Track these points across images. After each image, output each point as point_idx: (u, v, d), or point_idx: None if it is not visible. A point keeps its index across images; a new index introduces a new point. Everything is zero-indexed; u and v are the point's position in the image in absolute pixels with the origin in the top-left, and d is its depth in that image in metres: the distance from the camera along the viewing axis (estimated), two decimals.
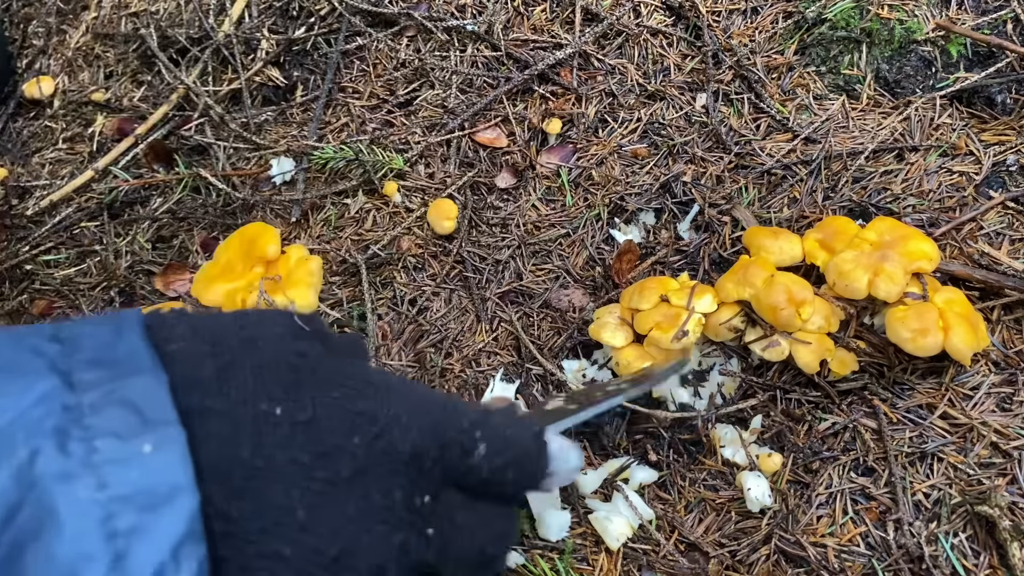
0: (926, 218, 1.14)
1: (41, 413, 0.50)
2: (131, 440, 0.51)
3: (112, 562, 0.48)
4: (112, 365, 0.55)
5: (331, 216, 1.30)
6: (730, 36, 1.35)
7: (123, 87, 1.56)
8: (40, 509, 0.48)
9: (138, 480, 0.50)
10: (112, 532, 0.48)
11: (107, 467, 0.50)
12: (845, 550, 0.93)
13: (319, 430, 0.60)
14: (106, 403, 0.52)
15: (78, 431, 0.51)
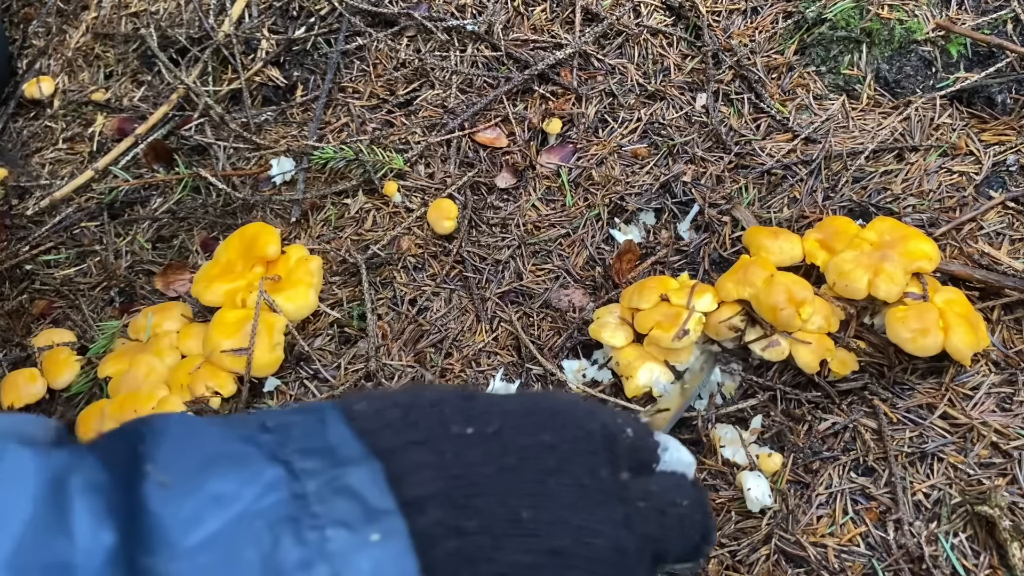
0: (926, 218, 1.14)
1: (274, 501, 0.51)
2: (359, 529, 0.52)
3: None
4: (326, 454, 0.55)
5: (331, 216, 1.30)
6: (730, 36, 1.35)
7: (123, 87, 1.56)
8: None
9: (369, 570, 0.50)
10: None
11: (339, 557, 0.50)
12: (845, 550, 0.93)
13: (511, 436, 0.60)
14: (329, 492, 0.53)
15: (309, 519, 0.51)
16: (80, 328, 1.30)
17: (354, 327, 1.20)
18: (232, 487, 0.51)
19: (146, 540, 0.48)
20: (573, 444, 0.62)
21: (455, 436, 0.59)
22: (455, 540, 0.54)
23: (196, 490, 0.51)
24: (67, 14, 1.67)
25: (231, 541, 0.49)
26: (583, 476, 0.61)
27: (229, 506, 0.50)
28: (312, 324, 1.21)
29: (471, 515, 0.55)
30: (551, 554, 0.57)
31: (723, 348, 1.07)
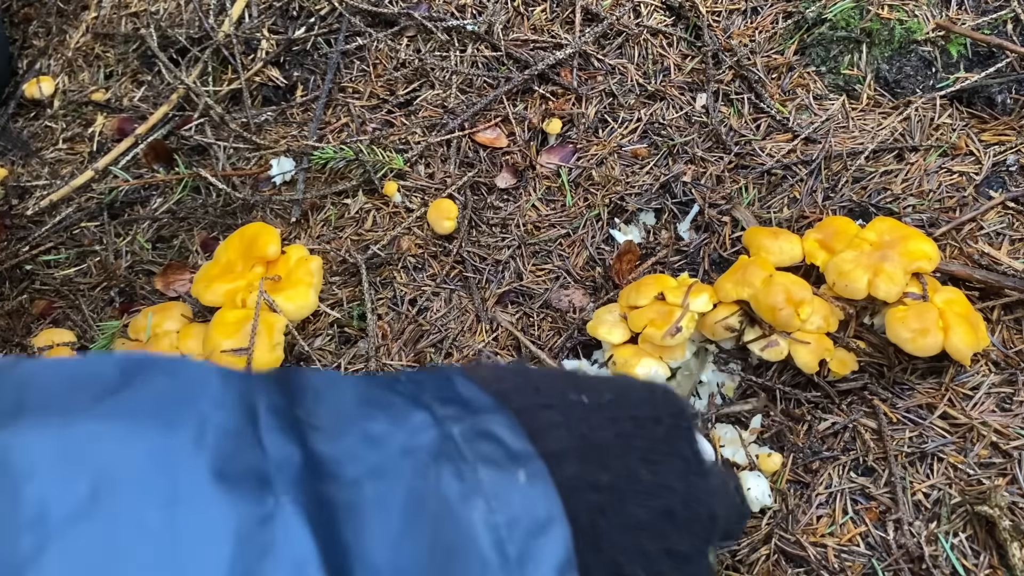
0: (926, 218, 1.14)
1: (427, 440, 0.53)
2: (507, 469, 0.54)
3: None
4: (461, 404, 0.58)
5: (331, 216, 1.30)
6: (730, 36, 1.35)
7: (123, 87, 1.56)
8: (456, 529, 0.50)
9: (520, 506, 0.52)
10: (505, 557, 0.50)
11: (492, 493, 0.52)
12: (845, 550, 0.93)
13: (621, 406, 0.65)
14: (473, 436, 0.55)
15: (461, 458, 0.53)
16: (80, 328, 1.30)
17: (354, 327, 1.20)
18: (383, 428, 0.53)
19: (314, 471, 0.50)
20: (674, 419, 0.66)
21: (575, 403, 0.62)
22: (593, 494, 0.58)
23: (349, 432, 0.52)
24: (67, 14, 1.67)
25: (393, 473, 0.51)
26: (685, 449, 0.65)
27: (383, 445, 0.52)
28: (312, 324, 1.21)
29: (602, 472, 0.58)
30: (664, 514, 0.61)
31: (722, 348, 1.07)
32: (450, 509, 0.51)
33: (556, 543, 0.52)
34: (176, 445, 0.45)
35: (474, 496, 0.52)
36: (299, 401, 0.54)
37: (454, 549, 0.50)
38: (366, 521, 0.49)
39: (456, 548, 0.50)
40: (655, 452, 0.64)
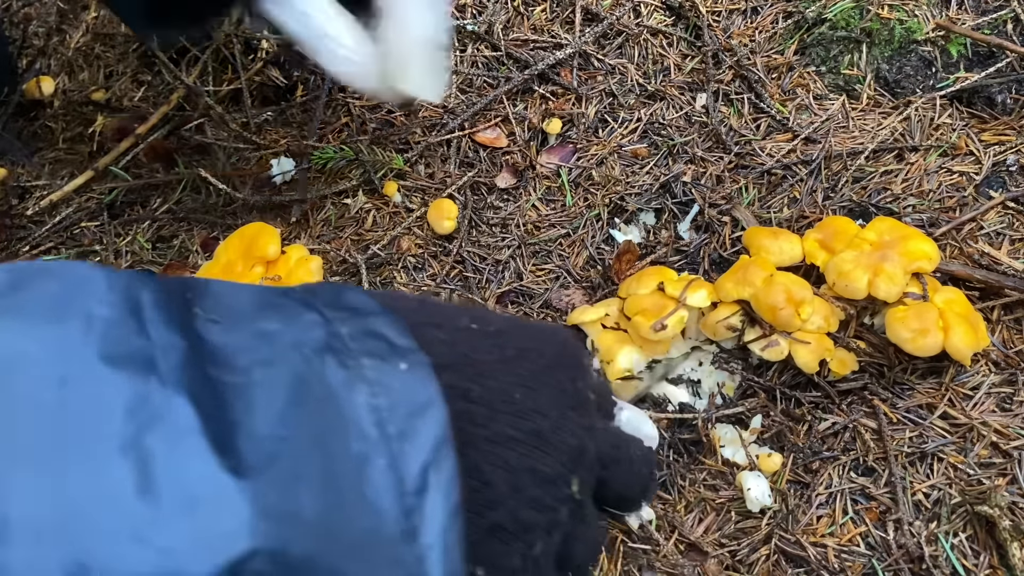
0: (926, 218, 1.14)
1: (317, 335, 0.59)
2: (389, 360, 0.60)
3: (389, 462, 0.56)
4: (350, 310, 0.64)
5: (331, 216, 1.30)
6: (730, 36, 1.35)
7: (123, 87, 1.56)
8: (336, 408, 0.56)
9: (400, 391, 0.58)
10: (386, 435, 0.56)
11: (374, 380, 0.58)
12: (845, 550, 0.93)
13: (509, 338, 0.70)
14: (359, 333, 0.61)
15: (346, 351, 0.59)
16: None
17: None
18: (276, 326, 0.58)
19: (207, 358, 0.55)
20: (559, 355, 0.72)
21: (463, 327, 0.69)
22: (463, 403, 0.63)
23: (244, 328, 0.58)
24: (67, 14, 1.67)
25: (283, 363, 0.56)
26: (565, 382, 0.70)
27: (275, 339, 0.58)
28: None
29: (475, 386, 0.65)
30: (532, 434, 0.66)
31: (722, 348, 1.07)
32: (334, 392, 0.56)
33: (433, 423, 0.58)
34: (65, 335, 0.50)
35: (357, 382, 0.57)
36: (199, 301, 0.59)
37: (336, 426, 0.56)
38: (253, 400, 0.54)
39: (338, 425, 0.55)
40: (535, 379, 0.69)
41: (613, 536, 0.96)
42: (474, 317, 0.72)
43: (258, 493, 0.49)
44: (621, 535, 0.96)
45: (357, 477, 0.54)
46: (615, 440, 0.76)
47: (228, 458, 0.50)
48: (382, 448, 0.55)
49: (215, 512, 0.48)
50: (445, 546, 0.55)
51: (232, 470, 0.49)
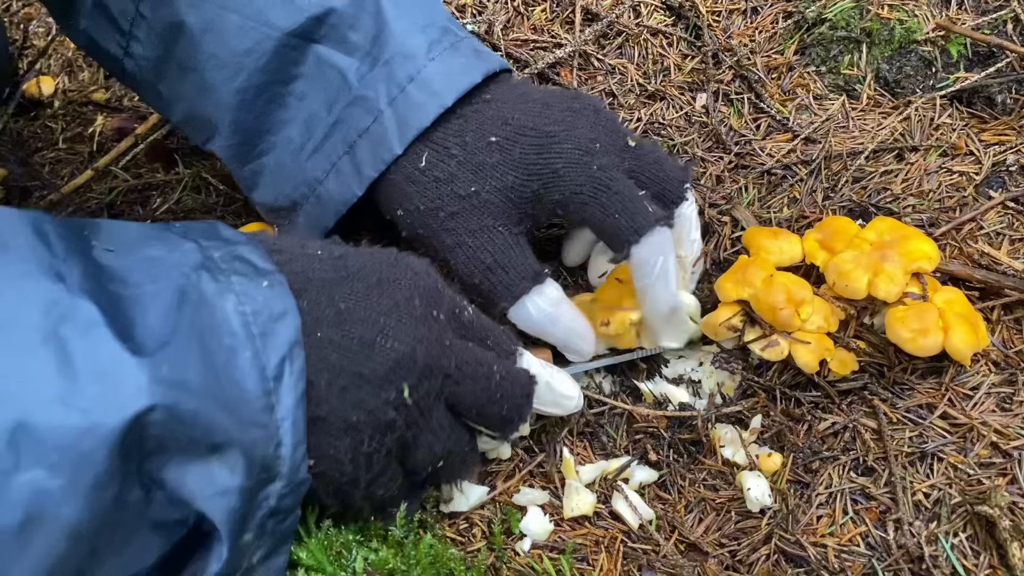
0: (926, 218, 1.14)
1: (193, 259, 0.74)
2: (253, 278, 0.74)
3: (254, 354, 0.71)
4: (222, 239, 0.78)
5: None
6: (730, 36, 1.35)
7: (123, 87, 1.56)
8: (210, 311, 0.71)
9: (262, 301, 0.73)
10: (250, 334, 0.71)
11: (241, 291, 0.73)
12: (845, 550, 0.93)
13: (351, 260, 0.84)
14: (229, 257, 0.75)
15: (218, 270, 0.74)
16: None
17: None
18: (160, 252, 0.74)
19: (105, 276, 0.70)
20: (399, 278, 0.83)
21: (308, 255, 0.83)
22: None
23: (133, 254, 0.73)
24: None
25: (167, 278, 0.72)
26: (401, 299, 0.82)
27: (159, 264, 0.73)
28: None
29: (302, 300, 0.77)
30: (356, 340, 0.79)
31: (722, 348, 1.07)
32: (208, 300, 0.71)
33: (289, 327, 0.73)
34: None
35: (227, 293, 0.72)
36: (94, 236, 0.74)
37: (211, 325, 0.70)
38: (145, 304, 0.69)
39: (213, 324, 0.70)
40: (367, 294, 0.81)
41: (613, 536, 0.96)
42: (324, 246, 0.86)
43: (152, 366, 0.65)
44: (621, 535, 0.97)
45: (228, 364, 0.70)
46: (471, 359, 0.86)
47: (128, 343, 0.65)
48: (248, 344, 0.71)
49: (120, 381, 0.64)
50: (294, 419, 0.72)
51: (131, 351, 0.65)
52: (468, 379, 0.85)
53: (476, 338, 0.90)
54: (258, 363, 0.70)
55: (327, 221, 1.02)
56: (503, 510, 0.98)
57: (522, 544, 0.96)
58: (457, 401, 0.86)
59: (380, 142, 0.97)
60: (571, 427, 1.05)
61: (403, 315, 0.81)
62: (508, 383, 0.89)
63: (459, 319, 0.88)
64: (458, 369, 0.84)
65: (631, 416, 1.05)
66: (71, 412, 0.61)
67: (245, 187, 1.09)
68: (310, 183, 1.02)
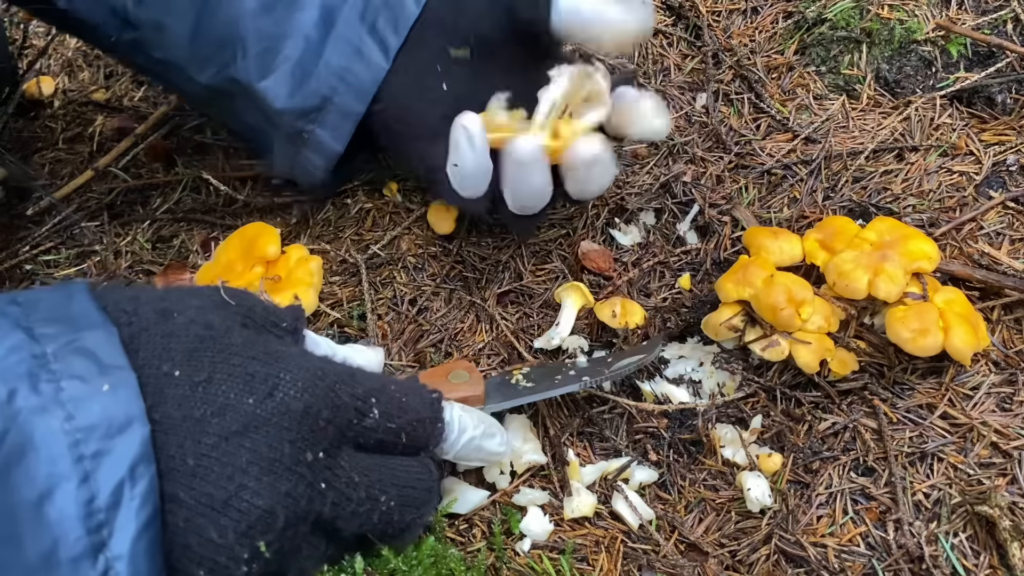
0: (926, 218, 1.14)
1: (14, 361, 0.62)
2: (92, 381, 0.63)
3: (80, 481, 0.60)
4: (68, 321, 0.67)
5: (331, 216, 1.30)
6: (730, 36, 1.35)
7: (123, 87, 1.56)
8: (22, 436, 0.60)
9: (99, 413, 0.62)
10: (80, 456, 0.60)
11: (73, 403, 0.62)
12: (845, 550, 0.93)
13: (214, 390, 0.70)
14: (67, 352, 0.64)
15: (46, 374, 0.62)
16: None
17: (354, 327, 1.20)
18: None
19: None
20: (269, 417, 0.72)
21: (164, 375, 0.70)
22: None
23: None
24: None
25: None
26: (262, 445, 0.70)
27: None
28: (312, 324, 1.21)
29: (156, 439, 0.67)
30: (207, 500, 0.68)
31: (723, 348, 1.07)
32: (24, 421, 0.60)
33: (132, 441, 0.63)
34: None
35: (53, 407, 0.61)
36: None
37: (22, 454, 0.59)
38: None
39: (24, 452, 0.59)
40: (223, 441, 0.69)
41: (613, 536, 0.96)
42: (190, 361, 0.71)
43: None
44: (621, 535, 0.97)
45: (39, 503, 0.58)
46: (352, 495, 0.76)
47: None
48: (74, 471, 0.60)
49: None
50: (133, 554, 0.61)
51: None
52: (346, 517, 0.77)
53: (384, 435, 0.81)
54: (84, 494, 0.60)
55: (359, 107, 1.06)
56: (503, 510, 0.98)
57: (522, 544, 0.96)
58: (335, 531, 0.78)
59: (399, 5, 1.02)
60: (571, 430, 1.05)
61: (264, 471, 0.69)
62: (398, 510, 0.80)
63: (362, 425, 0.79)
64: (333, 508, 0.75)
65: (631, 416, 1.05)
66: None
67: (271, 99, 1.09)
68: (338, 72, 1.05)
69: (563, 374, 1.03)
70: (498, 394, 0.99)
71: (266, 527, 0.69)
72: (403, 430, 0.81)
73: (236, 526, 0.68)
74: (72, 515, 0.59)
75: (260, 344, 0.76)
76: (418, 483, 0.83)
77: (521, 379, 1.02)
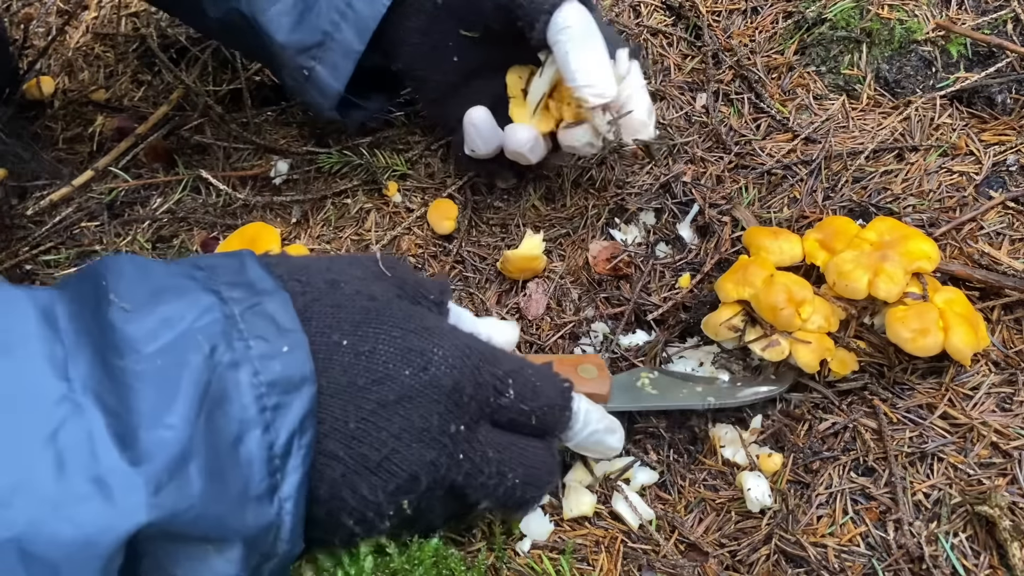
0: (926, 218, 1.14)
1: (210, 320, 0.69)
2: (273, 342, 0.71)
3: (264, 429, 0.68)
4: (246, 286, 0.74)
5: (331, 216, 1.30)
6: (730, 36, 1.35)
7: (123, 87, 1.56)
8: (221, 386, 0.67)
9: (280, 371, 0.70)
10: (263, 407, 0.68)
11: (259, 360, 0.69)
12: (845, 550, 0.93)
13: (376, 360, 0.77)
14: (251, 314, 0.71)
15: (236, 333, 0.70)
16: None
17: None
18: (177, 311, 0.69)
19: (117, 348, 0.66)
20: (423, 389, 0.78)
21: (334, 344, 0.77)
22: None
23: (150, 313, 0.68)
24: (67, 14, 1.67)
25: (180, 349, 0.67)
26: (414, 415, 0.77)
27: (176, 325, 0.68)
28: None
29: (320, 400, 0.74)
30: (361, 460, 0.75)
31: (723, 348, 1.07)
32: (220, 374, 0.68)
33: (304, 399, 0.70)
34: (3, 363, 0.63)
35: (244, 363, 0.69)
36: (114, 285, 0.70)
37: (222, 401, 0.67)
38: (151, 390, 0.65)
39: (224, 400, 0.67)
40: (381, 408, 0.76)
41: (613, 536, 0.96)
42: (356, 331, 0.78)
43: (152, 476, 0.61)
44: (621, 535, 0.97)
45: (236, 445, 0.67)
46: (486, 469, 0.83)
47: (128, 450, 0.62)
48: (259, 420, 0.68)
49: (117, 494, 0.60)
50: (296, 500, 0.70)
51: (131, 461, 0.61)
52: (476, 488, 0.84)
53: (518, 419, 0.86)
54: (267, 440, 0.68)
55: (358, 45, 1.08)
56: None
57: (522, 544, 0.96)
58: (463, 496, 0.85)
59: None
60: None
61: (414, 439, 0.77)
62: (521, 487, 0.87)
63: (498, 403, 0.84)
64: (466, 479, 0.82)
65: (632, 416, 1.05)
66: (65, 525, 0.59)
67: (273, 32, 1.12)
68: (339, 8, 1.07)
69: (689, 389, 1.04)
70: (623, 395, 1.02)
71: (410, 489, 0.77)
72: (534, 413, 0.86)
73: (385, 486, 0.76)
74: (258, 458, 0.67)
75: (416, 318, 0.82)
76: (542, 464, 0.88)
77: (647, 384, 1.04)
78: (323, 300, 0.79)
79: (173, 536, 0.64)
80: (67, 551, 0.58)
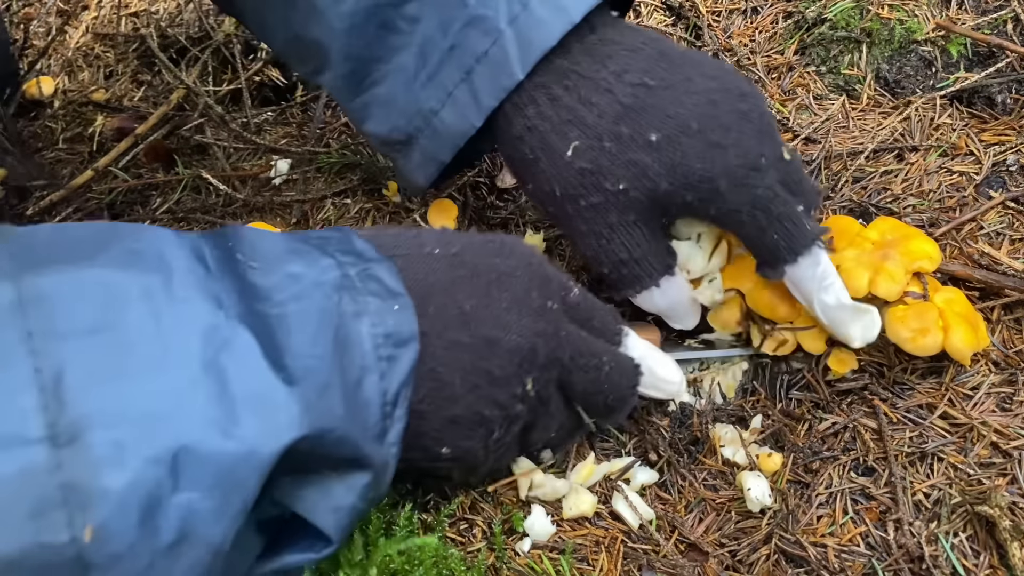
0: (926, 218, 1.14)
1: (332, 277, 0.75)
2: (385, 300, 0.76)
3: (380, 376, 0.74)
4: (355, 254, 0.80)
5: (331, 216, 1.30)
6: (730, 36, 1.35)
7: (123, 87, 1.56)
8: (346, 332, 0.73)
9: (393, 326, 0.75)
10: (379, 356, 0.74)
11: (375, 315, 0.75)
12: (845, 550, 0.93)
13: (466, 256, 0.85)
14: (363, 276, 0.77)
15: (354, 291, 0.75)
16: None
17: None
18: (300, 269, 0.75)
19: (254, 294, 0.71)
20: (514, 270, 0.85)
21: (426, 255, 0.84)
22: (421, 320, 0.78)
23: (277, 271, 0.74)
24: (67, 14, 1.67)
25: (311, 296, 0.73)
26: (519, 291, 0.83)
27: (302, 279, 0.74)
28: None
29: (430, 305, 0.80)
30: (483, 340, 0.81)
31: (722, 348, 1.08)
32: (346, 321, 0.73)
33: (411, 353, 0.76)
34: (152, 282, 0.67)
35: (363, 314, 0.75)
36: (239, 248, 0.75)
37: (347, 345, 0.73)
38: (292, 327, 0.70)
39: (349, 345, 0.73)
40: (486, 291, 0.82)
41: (613, 536, 0.96)
42: (440, 241, 0.86)
43: (302, 396, 0.67)
44: (621, 535, 0.97)
45: (358, 386, 0.72)
46: (583, 349, 0.88)
47: (280, 372, 0.67)
48: (376, 367, 0.74)
49: (275, 410, 0.66)
50: (398, 450, 0.75)
51: (285, 381, 0.67)
52: (580, 370, 0.88)
53: (582, 319, 0.91)
54: (382, 387, 0.73)
55: (444, 155, 0.98)
56: (504, 509, 0.98)
57: (522, 544, 0.95)
58: (568, 388, 0.89)
59: (500, 67, 0.90)
60: None
61: (523, 310, 0.83)
62: (616, 374, 0.91)
63: (567, 301, 0.89)
64: (571, 359, 0.87)
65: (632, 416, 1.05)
66: (229, 439, 0.63)
67: (356, 120, 1.05)
68: (425, 114, 0.96)
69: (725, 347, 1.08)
70: (672, 346, 1.06)
71: (531, 362, 0.82)
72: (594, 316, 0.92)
73: (510, 359, 0.81)
74: (375, 402, 0.73)
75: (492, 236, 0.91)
76: (625, 365, 0.93)
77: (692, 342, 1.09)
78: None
79: (316, 459, 0.69)
80: (230, 462, 0.62)
